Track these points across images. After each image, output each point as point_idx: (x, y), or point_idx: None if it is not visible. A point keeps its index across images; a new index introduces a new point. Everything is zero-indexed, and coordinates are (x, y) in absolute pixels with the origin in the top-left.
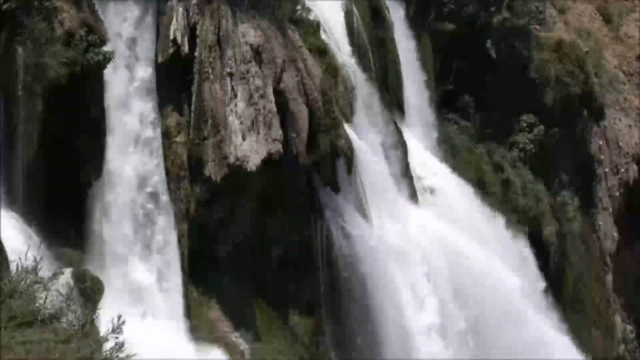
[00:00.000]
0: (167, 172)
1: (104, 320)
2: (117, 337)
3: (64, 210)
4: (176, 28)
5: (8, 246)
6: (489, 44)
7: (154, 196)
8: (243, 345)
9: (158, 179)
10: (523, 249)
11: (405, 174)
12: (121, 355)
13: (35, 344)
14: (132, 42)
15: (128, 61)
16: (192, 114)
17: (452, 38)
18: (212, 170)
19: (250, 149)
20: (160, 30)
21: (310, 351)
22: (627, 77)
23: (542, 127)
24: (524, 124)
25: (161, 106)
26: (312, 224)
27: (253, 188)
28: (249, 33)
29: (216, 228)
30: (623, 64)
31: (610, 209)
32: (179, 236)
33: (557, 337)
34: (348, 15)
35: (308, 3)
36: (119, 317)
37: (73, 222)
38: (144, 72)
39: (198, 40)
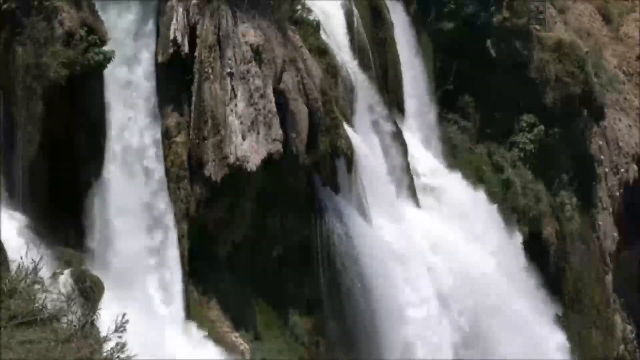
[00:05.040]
0: (167, 172)
1: (104, 320)
2: (120, 337)
3: (64, 210)
4: (176, 28)
5: (8, 246)
6: (489, 43)
7: (153, 196)
8: (243, 345)
9: (158, 179)
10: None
11: (405, 174)
12: (122, 355)
13: (35, 344)
14: (132, 42)
15: (128, 61)
16: (192, 114)
17: (452, 38)
18: (212, 170)
19: (250, 149)
20: (160, 30)
21: (310, 351)
22: (627, 77)
23: (542, 127)
24: (524, 124)
25: (161, 106)
26: (312, 224)
27: (253, 188)
28: (249, 33)
29: (216, 228)
30: (623, 64)
31: (610, 209)
32: (179, 236)
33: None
34: (348, 15)
35: (308, 3)
36: (123, 315)
37: (73, 222)
38: (144, 72)
39: (198, 40)
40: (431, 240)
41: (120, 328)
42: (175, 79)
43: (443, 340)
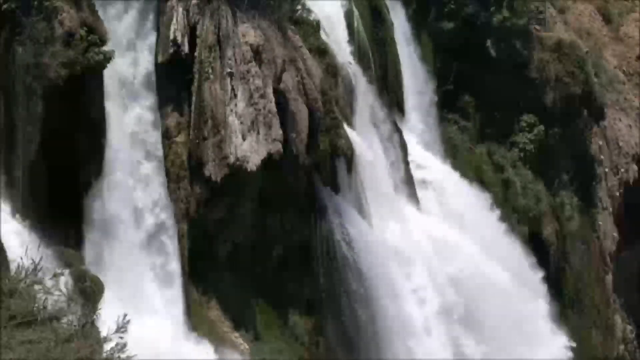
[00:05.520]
0: (167, 172)
1: (104, 320)
2: (121, 337)
3: (64, 210)
4: (176, 28)
5: (8, 246)
6: (489, 43)
7: (153, 196)
8: (243, 345)
9: (158, 179)
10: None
11: (405, 174)
12: (122, 355)
13: (35, 344)
14: (132, 42)
15: (128, 61)
16: (192, 114)
17: (452, 38)
18: (212, 170)
19: (250, 149)
20: (160, 30)
21: (310, 351)
22: (627, 77)
23: (542, 127)
24: (524, 124)
25: (161, 106)
26: (312, 224)
27: (253, 188)
28: (249, 33)
29: (216, 228)
30: (623, 64)
31: (610, 209)
32: (179, 236)
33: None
34: (348, 15)
35: (308, 3)
36: (125, 315)
37: (73, 222)
38: (144, 72)
39: (198, 40)
40: (430, 239)
41: (121, 328)
42: (175, 79)
43: (443, 338)
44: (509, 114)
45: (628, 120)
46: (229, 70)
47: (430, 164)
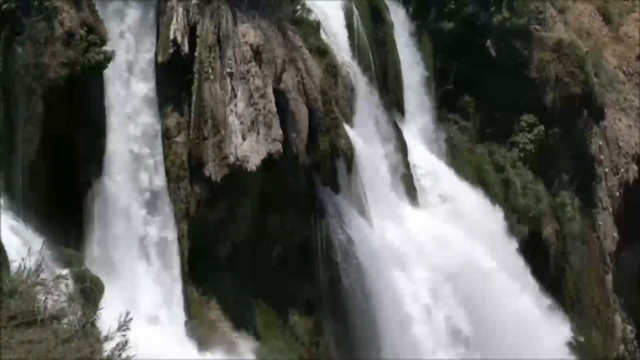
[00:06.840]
0: (167, 172)
1: (104, 320)
2: (123, 335)
3: (64, 211)
4: (176, 28)
5: (8, 246)
6: (489, 43)
7: (153, 196)
8: (243, 345)
9: (158, 178)
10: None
11: (405, 173)
12: (123, 355)
13: (35, 344)
14: (132, 42)
15: (128, 61)
16: (192, 114)
17: (452, 38)
18: (212, 170)
19: (250, 149)
20: (160, 30)
21: (310, 351)
22: (627, 77)
23: (542, 127)
24: (524, 124)
25: (161, 106)
26: (312, 224)
27: (253, 188)
28: (249, 33)
29: (216, 228)
30: (623, 64)
31: (610, 209)
32: (179, 236)
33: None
34: (348, 15)
35: (308, 3)
36: (127, 313)
37: (73, 222)
38: (144, 72)
39: (198, 40)
40: (430, 239)
41: (123, 327)
42: (175, 79)
43: (444, 338)
44: (509, 114)
45: (628, 120)
46: (229, 70)
47: (430, 164)
